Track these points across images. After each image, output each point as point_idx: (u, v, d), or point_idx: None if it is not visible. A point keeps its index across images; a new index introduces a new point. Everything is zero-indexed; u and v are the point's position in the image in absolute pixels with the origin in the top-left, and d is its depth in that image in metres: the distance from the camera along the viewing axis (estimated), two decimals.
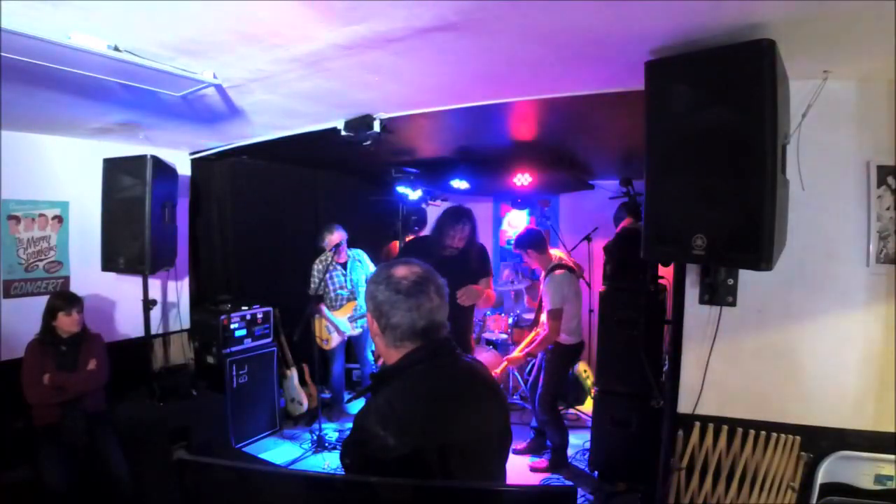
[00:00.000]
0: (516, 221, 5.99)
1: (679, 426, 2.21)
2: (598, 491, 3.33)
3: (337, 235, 4.12)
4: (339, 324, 4.25)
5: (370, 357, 4.45)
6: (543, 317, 3.68)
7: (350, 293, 4.31)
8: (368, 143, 2.81)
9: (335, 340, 4.29)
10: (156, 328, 3.64)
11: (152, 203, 3.05)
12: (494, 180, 4.79)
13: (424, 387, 1.12)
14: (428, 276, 1.20)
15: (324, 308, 4.22)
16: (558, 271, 3.60)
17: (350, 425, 1.18)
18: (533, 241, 3.71)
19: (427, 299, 1.16)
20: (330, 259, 4.17)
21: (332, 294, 4.28)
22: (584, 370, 5.04)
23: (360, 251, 4.46)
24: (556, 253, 3.94)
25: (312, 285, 4.16)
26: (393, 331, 1.16)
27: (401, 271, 1.19)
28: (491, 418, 1.19)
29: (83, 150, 3.39)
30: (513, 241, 3.96)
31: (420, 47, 1.77)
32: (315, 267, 4.22)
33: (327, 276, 4.20)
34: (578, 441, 4.01)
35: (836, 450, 2.05)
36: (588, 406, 4.51)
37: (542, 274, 3.71)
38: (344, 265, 4.31)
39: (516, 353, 3.83)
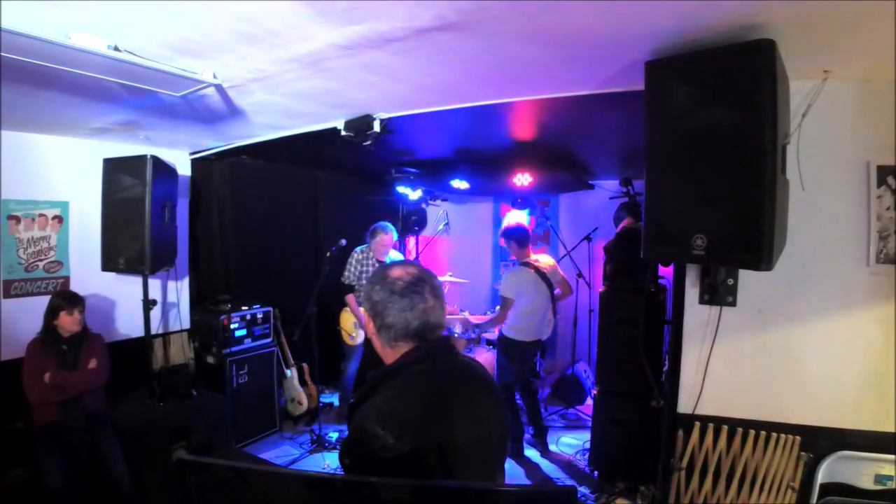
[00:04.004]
0: (516, 221, 5.99)
1: (679, 426, 2.21)
2: (598, 491, 3.34)
3: (389, 238, 4.07)
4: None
5: None
6: None
7: None
8: (368, 143, 2.81)
9: (360, 338, 4.18)
10: (156, 328, 3.64)
11: (152, 203, 3.05)
12: (494, 180, 4.80)
13: (423, 386, 1.12)
14: (423, 277, 1.20)
15: (354, 301, 4.12)
16: (520, 266, 3.83)
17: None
18: (515, 234, 3.94)
19: (421, 300, 1.16)
20: (370, 255, 4.10)
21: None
22: (584, 370, 5.05)
23: (398, 253, 4.38)
24: (542, 258, 3.95)
25: (346, 273, 4.08)
26: (388, 331, 1.17)
27: (396, 272, 1.20)
28: (489, 418, 1.19)
29: (83, 150, 3.39)
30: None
31: (420, 47, 1.77)
32: (353, 256, 4.13)
33: (362, 269, 4.11)
34: (578, 441, 4.03)
35: (836, 450, 2.05)
36: (588, 406, 4.52)
37: None
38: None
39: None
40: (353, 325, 4.19)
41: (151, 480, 2.96)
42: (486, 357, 4.88)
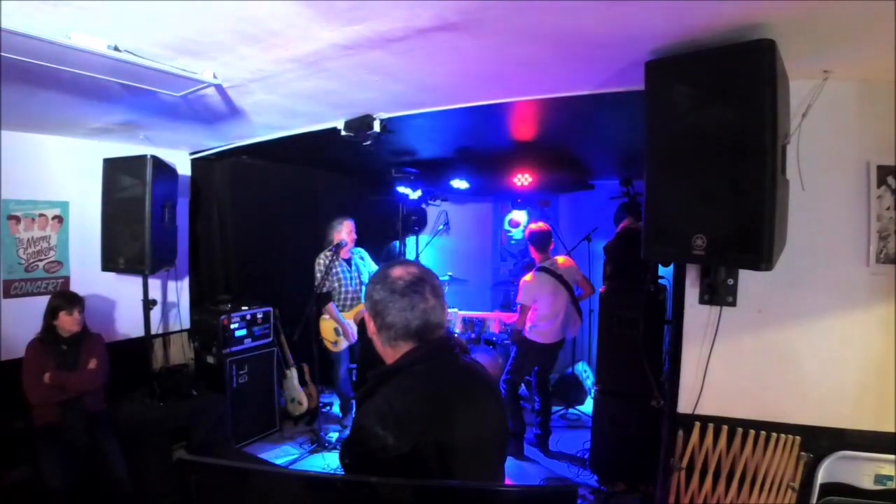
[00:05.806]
0: (516, 221, 5.98)
1: (679, 426, 2.21)
2: (599, 491, 3.34)
3: (352, 223, 4.04)
4: (348, 326, 4.07)
5: None
6: None
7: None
8: (368, 143, 2.81)
9: (343, 344, 4.11)
10: (156, 328, 3.64)
11: (152, 203, 3.05)
12: (494, 180, 4.80)
13: (423, 386, 1.12)
14: (424, 276, 1.20)
15: (334, 308, 4.04)
16: (537, 272, 3.88)
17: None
18: (534, 238, 4.02)
19: (422, 300, 1.17)
20: (335, 256, 4.00)
21: (343, 294, 4.10)
22: (584, 370, 5.05)
23: (362, 249, 4.34)
24: (560, 259, 3.99)
25: (318, 283, 3.96)
26: (388, 330, 1.18)
27: (397, 271, 1.20)
28: (489, 418, 1.19)
29: (83, 150, 3.39)
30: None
31: (420, 47, 1.77)
32: (318, 265, 4.02)
33: (334, 272, 4.04)
34: (578, 441, 4.03)
35: (836, 450, 2.04)
36: (588, 406, 4.52)
37: None
38: (349, 262, 4.15)
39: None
40: (334, 332, 4.10)
41: (151, 480, 2.96)
42: (485, 357, 4.88)
